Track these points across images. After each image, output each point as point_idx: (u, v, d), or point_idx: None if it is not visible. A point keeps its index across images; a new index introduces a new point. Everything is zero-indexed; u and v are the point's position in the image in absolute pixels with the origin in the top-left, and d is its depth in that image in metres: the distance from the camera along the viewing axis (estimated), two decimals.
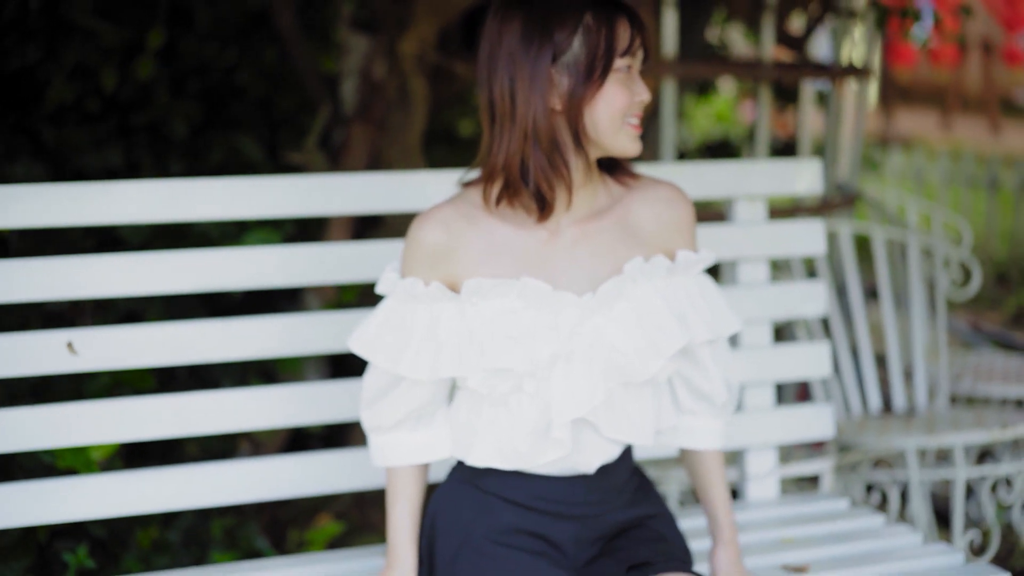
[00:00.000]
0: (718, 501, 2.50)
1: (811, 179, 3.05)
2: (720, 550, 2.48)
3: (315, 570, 2.64)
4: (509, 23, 2.19)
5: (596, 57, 2.17)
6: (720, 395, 2.44)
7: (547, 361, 2.20)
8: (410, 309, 2.27)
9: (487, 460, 2.27)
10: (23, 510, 2.57)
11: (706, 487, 2.51)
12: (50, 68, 4.08)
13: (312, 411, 2.75)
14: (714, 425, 2.49)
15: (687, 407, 2.46)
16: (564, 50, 2.17)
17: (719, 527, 2.49)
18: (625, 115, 2.20)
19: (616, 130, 2.20)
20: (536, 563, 2.24)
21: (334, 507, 4.06)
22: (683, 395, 2.46)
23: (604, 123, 2.20)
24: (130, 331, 2.63)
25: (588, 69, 2.16)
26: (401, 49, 3.99)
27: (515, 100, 2.18)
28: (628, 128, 2.22)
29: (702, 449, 2.49)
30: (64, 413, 2.59)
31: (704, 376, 2.42)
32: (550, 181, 2.21)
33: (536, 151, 2.19)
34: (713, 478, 2.51)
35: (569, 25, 2.17)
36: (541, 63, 2.16)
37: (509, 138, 2.20)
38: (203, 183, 2.68)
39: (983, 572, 2.63)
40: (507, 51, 2.19)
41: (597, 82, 2.17)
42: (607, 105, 2.18)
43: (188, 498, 2.69)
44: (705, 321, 2.34)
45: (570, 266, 2.26)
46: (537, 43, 2.17)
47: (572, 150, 2.22)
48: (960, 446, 3.56)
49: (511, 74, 2.18)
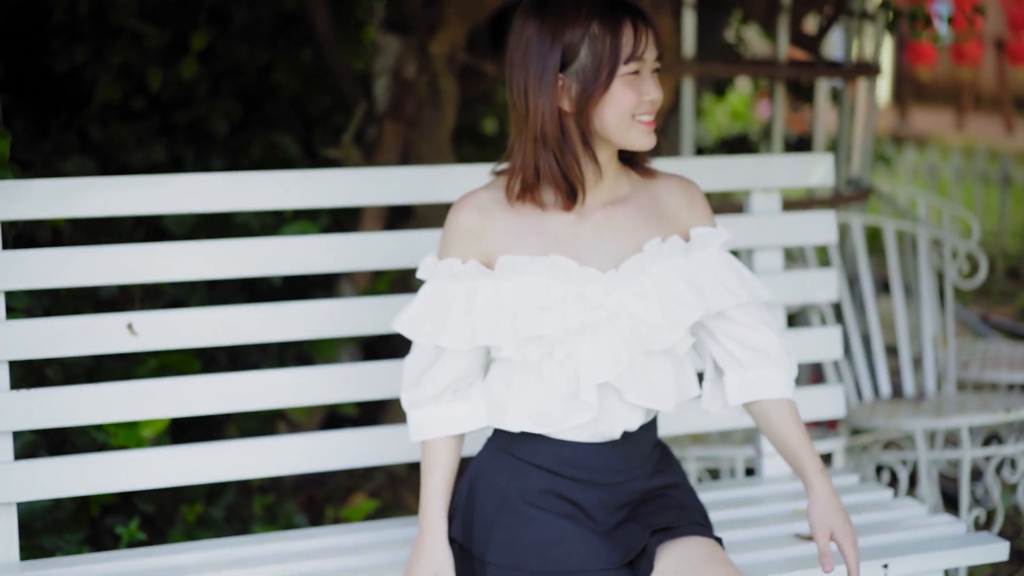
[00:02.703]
0: (797, 444, 2.52)
1: (823, 173, 3.22)
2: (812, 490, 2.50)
3: (352, 539, 2.81)
4: (525, 29, 2.39)
5: (601, 64, 2.35)
6: (773, 345, 2.54)
7: (576, 329, 2.40)
8: (449, 287, 2.46)
9: (520, 424, 2.46)
10: (79, 481, 2.75)
11: (784, 436, 2.54)
12: (97, 69, 4.27)
13: (345, 390, 2.93)
14: (777, 375, 2.55)
15: (746, 362, 2.55)
16: (572, 58, 2.36)
17: (803, 469, 2.52)
18: (633, 114, 2.38)
19: (626, 128, 2.39)
20: (567, 525, 2.42)
21: (368, 487, 4.24)
22: (738, 351, 2.54)
23: (612, 123, 2.38)
24: (181, 314, 2.82)
25: (594, 75, 2.35)
26: (432, 49, 4.18)
27: (528, 103, 2.39)
28: (638, 125, 2.40)
29: (769, 398, 2.54)
30: (116, 391, 2.76)
31: (750, 329, 2.53)
32: (558, 180, 2.41)
33: (545, 152, 2.39)
34: (788, 426, 2.53)
35: (577, 34, 2.35)
36: (549, 69, 2.36)
37: (524, 139, 2.41)
38: (245, 176, 2.86)
39: (985, 541, 2.80)
40: (521, 56, 2.39)
41: (603, 87, 2.35)
42: (614, 107, 2.37)
43: (231, 471, 2.85)
44: (731, 289, 2.49)
45: (595, 246, 2.46)
46: (547, 50, 2.36)
47: (582, 149, 2.40)
48: (966, 428, 3.73)
49: (524, 78, 2.39)
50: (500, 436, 2.54)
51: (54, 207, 2.72)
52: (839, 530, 2.45)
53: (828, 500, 2.48)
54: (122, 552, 2.76)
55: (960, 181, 9.34)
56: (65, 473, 2.74)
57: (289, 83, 4.78)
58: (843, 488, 3.11)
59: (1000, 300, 8.16)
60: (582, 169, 2.43)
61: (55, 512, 3.28)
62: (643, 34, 2.38)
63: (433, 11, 4.21)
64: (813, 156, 3.21)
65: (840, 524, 2.46)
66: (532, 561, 2.39)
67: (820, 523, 2.46)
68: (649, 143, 2.42)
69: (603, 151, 2.45)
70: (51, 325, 2.70)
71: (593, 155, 2.42)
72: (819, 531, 2.45)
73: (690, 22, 4.21)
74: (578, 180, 2.42)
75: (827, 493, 2.49)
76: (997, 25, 14.79)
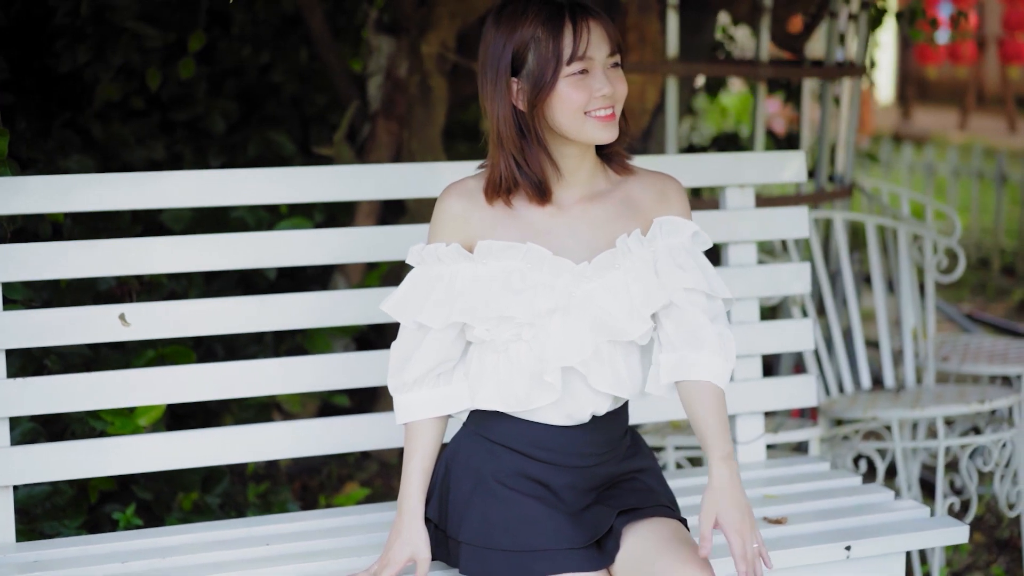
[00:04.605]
0: (707, 429, 2.51)
1: (796, 170, 3.33)
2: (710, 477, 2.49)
3: (337, 521, 2.91)
4: (486, 35, 2.54)
5: (546, 66, 2.47)
6: (707, 331, 2.54)
7: (544, 313, 2.51)
8: (434, 270, 2.59)
9: (490, 403, 2.58)
10: (75, 465, 2.86)
11: (698, 418, 2.53)
12: (98, 69, 4.40)
13: (336, 378, 3.04)
14: (706, 359, 2.54)
15: (679, 344, 2.55)
16: (523, 61, 2.49)
17: (709, 454, 2.51)
18: (586, 110, 2.49)
19: (580, 125, 2.50)
20: (537, 506, 2.53)
21: (361, 476, 4.35)
22: (674, 333, 2.56)
23: (565, 121, 2.50)
24: (173, 305, 2.92)
25: (540, 77, 2.47)
26: (423, 50, 4.30)
27: (487, 106, 2.55)
28: (592, 120, 2.50)
29: (693, 379, 2.54)
30: (111, 378, 2.87)
31: (689, 314, 2.55)
32: (520, 180, 2.53)
33: (504, 152, 2.53)
34: (704, 409, 2.53)
35: (525, 37, 2.48)
36: (502, 73, 2.50)
37: (490, 141, 2.57)
38: (240, 173, 2.97)
39: (945, 524, 2.90)
40: (482, 61, 2.55)
41: (548, 88, 2.47)
42: (563, 106, 2.48)
43: (223, 455, 2.96)
44: (685, 269, 2.55)
45: (571, 238, 2.58)
46: (500, 54, 2.50)
47: (539, 149, 2.52)
48: (941, 418, 3.83)
49: (483, 82, 2.54)
50: (475, 419, 2.66)
51: (50, 202, 2.83)
52: (725, 518, 2.44)
53: (722, 489, 2.47)
54: (114, 534, 2.85)
55: (957, 179, 9.43)
56: (61, 457, 2.84)
57: (288, 83, 4.90)
58: (815, 474, 3.20)
59: (995, 297, 8.25)
60: (542, 168, 2.54)
61: (54, 498, 3.38)
62: (584, 33, 2.48)
63: (424, 11, 4.32)
64: (785, 153, 3.32)
65: (729, 514, 2.44)
66: (502, 540, 2.50)
67: (707, 509, 2.46)
68: (607, 136, 2.52)
69: (568, 148, 2.56)
70: (46, 316, 2.81)
71: (549, 155, 2.54)
72: (704, 517, 2.45)
73: (673, 22, 4.31)
74: (537, 179, 2.54)
75: (723, 482, 2.47)
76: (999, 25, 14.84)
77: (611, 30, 2.52)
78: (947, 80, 18.13)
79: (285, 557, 2.72)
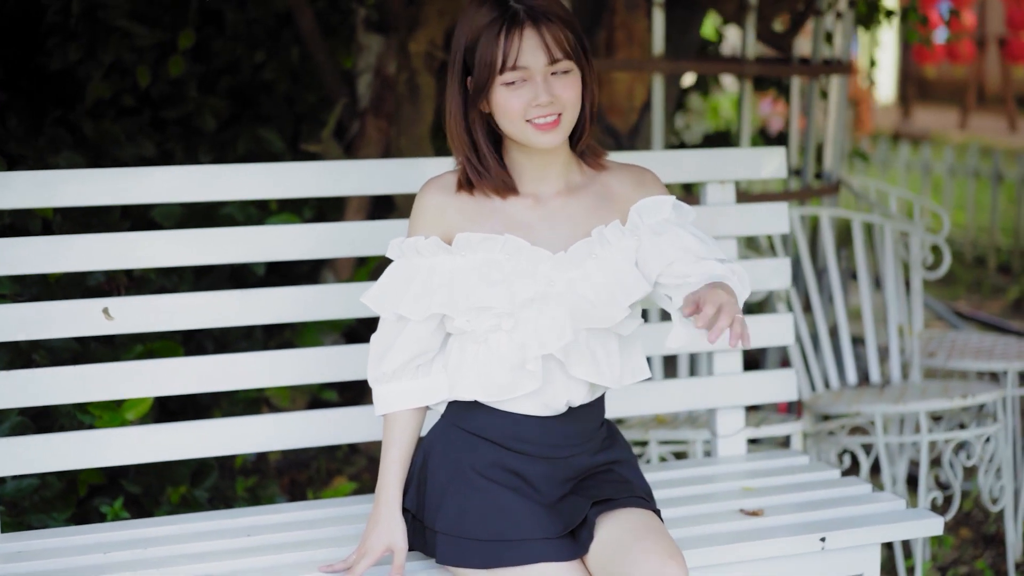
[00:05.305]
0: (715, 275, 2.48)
1: (775, 166, 3.35)
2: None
3: (322, 512, 2.94)
4: (455, 29, 2.58)
5: (482, 74, 2.51)
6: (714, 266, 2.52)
7: (523, 303, 2.55)
8: (413, 263, 2.62)
9: (471, 393, 2.61)
10: (62, 457, 2.89)
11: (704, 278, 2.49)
12: (89, 67, 4.43)
13: (323, 372, 3.06)
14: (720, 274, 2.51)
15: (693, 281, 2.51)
16: (471, 66, 2.53)
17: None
18: (523, 116, 2.52)
19: (520, 129, 2.54)
20: (512, 496, 2.56)
21: (348, 471, 4.39)
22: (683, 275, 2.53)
23: (506, 125, 2.54)
24: (157, 299, 2.94)
25: (479, 81, 2.52)
26: (411, 48, 4.33)
27: (446, 105, 2.59)
28: (531, 126, 2.53)
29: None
30: (98, 371, 2.90)
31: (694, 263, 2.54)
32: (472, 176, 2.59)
33: (457, 151, 2.60)
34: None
35: (472, 43, 2.52)
36: (456, 76, 2.56)
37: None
38: (225, 168, 3.00)
39: (920, 516, 2.93)
40: (448, 65, 2.59)
41: (485, 93, 2.52)
42: (501, 111, 2.53)
43: (212, 447, 2.98)
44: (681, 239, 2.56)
45: (549, 230, 2.61)
46: (456, 58, 2.56)
47: (486, 149, 2.57)
48: (923, 412, 3.86)
49: (446, 85, 2.59)
50: (453, 411, 2.69)
51: (37, 198, 2.85)
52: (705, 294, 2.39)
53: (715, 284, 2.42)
54: (98, 526, 2.88)
55: (953, 178, 9.45)
56: (48, 450, 2.87)
57: (279, 81, 4.93)
58: (794, 468, 3.23)
59: (991, 295, 8.28)
60: (495, 164, 2.59)
61: (42, 492, 3.42)
62: (515, 43, 2.49)
63: (413, 10, 4.36)
64: (765, 150, 3.34)
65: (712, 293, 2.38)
66: (478, 529, 2.53)
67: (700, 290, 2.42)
68: (547, 142, 2.54)
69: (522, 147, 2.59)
70: (31, 309, 2.83)
71: (495, 155, 2.59)
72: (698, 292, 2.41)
73: (659, 20, 4.35)
74: (492, 174, 2.59)
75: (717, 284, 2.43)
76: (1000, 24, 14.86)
77: (554, 37, 2.50)
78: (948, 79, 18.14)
79: (265, 548, 2.74)
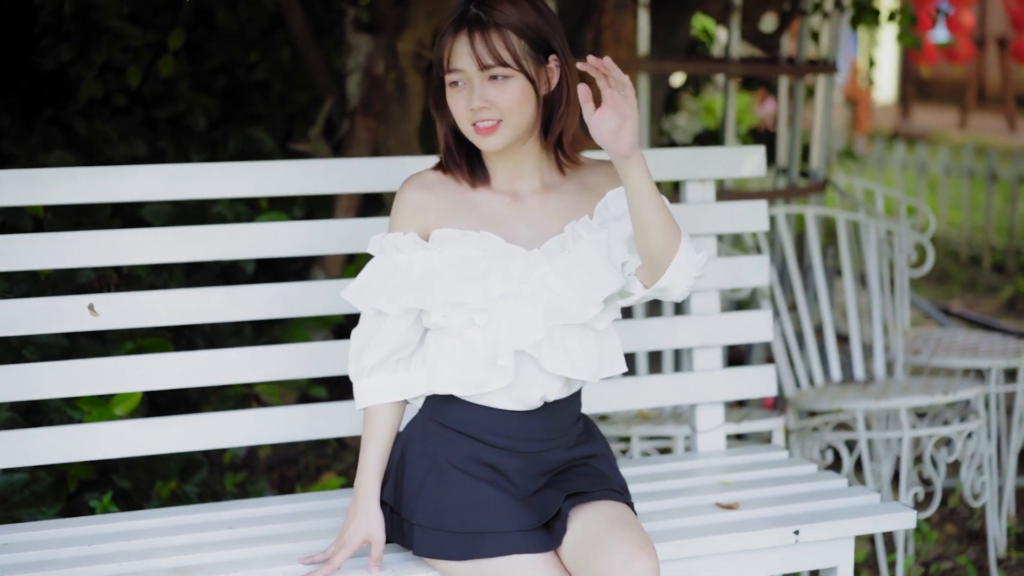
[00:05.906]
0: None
1: (755, 165, 3.39)
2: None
3: (305, 506, 2.98)
4: None
5: (436, 71, 2.60)
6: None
7: (497, 298, 2.59)
8: (392, 258, 2.67)
9: (447, 387, 2.65)
10: (52, 450, 2.93)
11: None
12: (82, 67, 4.48)
13: (307, 367, 3.11)
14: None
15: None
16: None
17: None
18: (468, 119, 2.58)
19: (467, 131, 2.60)
20: (488, 489, 2.60)
21: (337, 467, 4.43)
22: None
23: (458, 124, 2.61)
24: (143, 296, 2.98)
25: (436, 79, 2.61)
26: (399, 48, 4.38)
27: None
28: (474, 129, 2.58)
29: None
30: (86, 367, 2.94)
31: None
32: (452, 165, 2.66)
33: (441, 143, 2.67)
34: None
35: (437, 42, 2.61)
36: (434, 73, 2.62)
37: None
38: (213, 166, 3.04)
39: (893, 509, 2.97)
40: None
41: (437, 93, 2.62)
42: (452, 110, 2.60)
43: (201, 441, 3.02)
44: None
45: (525, 226, 2.66)
46: (434, 57, 2.62)
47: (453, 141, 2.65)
48: (904, 408, 3.89)
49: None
50: (430, 405, 2.73)
51: (26, 195, 2.89)
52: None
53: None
54: (83, 519, 2.92)
55: (948, 177, 9.48)
56: (37, 443, 2.91)
57: (271, 80, 4.98)
58: (771, 462, 3.27)
59: (985, 294, 8.31)
60: (460, 159, 2.66)
61: (32, 486, 3.45)
62: (448, 46, 2.56)
63: (401, 11, 4.41)
64: (745, 148, 3.38)
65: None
66: (453, 522, 2.57)
67: None
68: (487, 146, 2.60)
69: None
70: (16, 305, 2.88)
71: (461, 149, 2.65)
72: None
73: (644, 20, 4.39)
74: (460, 168, 2.66)
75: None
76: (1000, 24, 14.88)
77: (487, 45, 2.54)
78: (947, 79, 18.16)
79: (247, 540, 2.79)
